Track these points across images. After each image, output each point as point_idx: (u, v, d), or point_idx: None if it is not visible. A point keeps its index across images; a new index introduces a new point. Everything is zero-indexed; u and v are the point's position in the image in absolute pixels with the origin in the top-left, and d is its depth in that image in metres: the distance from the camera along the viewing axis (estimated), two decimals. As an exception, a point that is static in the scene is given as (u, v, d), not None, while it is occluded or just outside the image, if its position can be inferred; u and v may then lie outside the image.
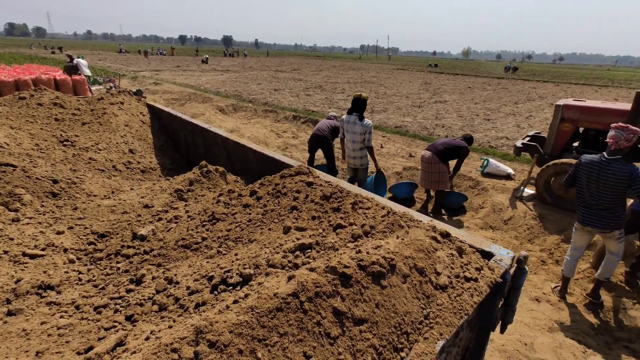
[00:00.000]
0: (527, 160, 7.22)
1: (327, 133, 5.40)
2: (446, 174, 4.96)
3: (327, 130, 5.42)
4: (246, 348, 0.82)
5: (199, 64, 32.73)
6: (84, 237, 1.92)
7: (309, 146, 5.68)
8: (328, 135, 5.40)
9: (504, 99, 17.46)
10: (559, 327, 3.14)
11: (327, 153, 5.53)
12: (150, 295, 1.22)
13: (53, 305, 1.25)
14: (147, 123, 4.54)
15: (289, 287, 0.96)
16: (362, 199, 1.47)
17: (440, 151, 4.88)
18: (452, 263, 1.20)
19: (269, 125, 10.27)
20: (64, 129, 3.82)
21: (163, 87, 16.28)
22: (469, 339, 1.33)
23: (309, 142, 5.64)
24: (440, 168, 4.88)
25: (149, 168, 3.79)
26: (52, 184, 2.71)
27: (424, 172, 5.03)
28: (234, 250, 1.38)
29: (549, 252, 4.33)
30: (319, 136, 5.40)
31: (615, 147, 3.02)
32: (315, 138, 5.42)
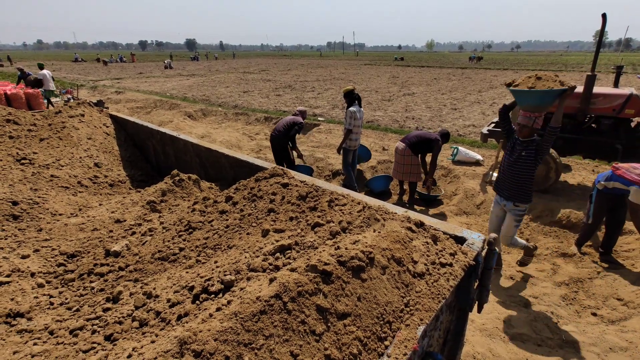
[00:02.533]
0: (494, 145, 7.54)
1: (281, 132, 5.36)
2: (419, 166, 5.09)
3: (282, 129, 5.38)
4: (232, 354, 0.82)
5: (162, 69, 31.70)
6: (52, 259, 1.83)
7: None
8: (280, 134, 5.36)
9: (469, 88, 18.10)
10: (532, 302, 3.32)
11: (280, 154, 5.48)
12: (129, 312, 1.19)
13: (25, 333, 1.19)
14: (112, 134, 4.37)
15: (271, 289, 0.96)
16: (337, 196, 1.49)
17: (413, 143, 5.00)
18: (428, 251, 1.24)
19: (241, 129, 10.13)
20: (20, 146, 3.60)
21: (126, 96, 15.65)
22: (449, 322, 1.39)
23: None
24: (412, 160, 5.00)
25: (117, 181, 3.65)
26: (11, 206, 2.56)
27: (397, 163, 5.14)
28: (213, 258, 1.37)
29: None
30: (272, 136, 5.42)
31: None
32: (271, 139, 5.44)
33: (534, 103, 2.94)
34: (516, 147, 3.16)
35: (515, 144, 3.20)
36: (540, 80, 2.90)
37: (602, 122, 5.31)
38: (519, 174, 3.14)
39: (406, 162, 5.02)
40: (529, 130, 3.06)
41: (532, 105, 2.97)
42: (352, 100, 5.11)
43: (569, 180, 5.89)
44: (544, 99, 2.86)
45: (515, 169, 3.14)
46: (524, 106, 3.04)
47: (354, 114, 5.07)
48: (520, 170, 3.12)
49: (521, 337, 2.88)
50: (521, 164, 3.10)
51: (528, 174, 3.11)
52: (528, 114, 3.00)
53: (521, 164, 3.10)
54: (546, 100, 2.87)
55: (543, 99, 2.87)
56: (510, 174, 3.19)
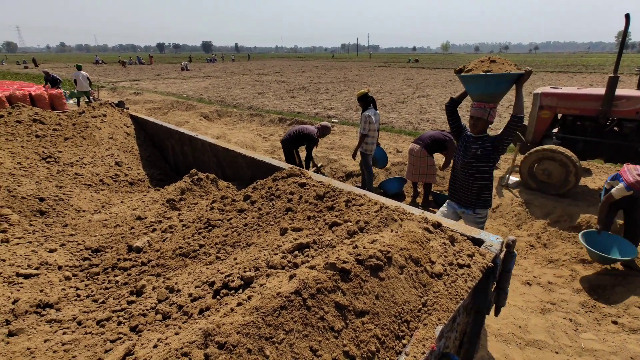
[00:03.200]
0: (510, 148, 7.41)
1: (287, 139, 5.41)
2: (434, 167, 5.06)
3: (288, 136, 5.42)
4: (254, 347, 0.85)
5: (179, 71, 32.33)
6: (77, 253, 1.90)
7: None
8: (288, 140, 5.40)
9: (484, 90, 17.79)
10: (550, 308, 3.25)
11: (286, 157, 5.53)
12: (153, 305, 1.23)
13: (54, 323, 1.25)
14: (132, 134, 4.49)
15: (291, 285, 0.98)
16: (354, 196, 1.51)
17: (428, 144, 4.98)
18: (445, 252, 1.24)
19: (255, 130, 10.25)
20: (46, 145, 3.75)
21: (144, 97, 16.03)
22: (466, 324, 1.39)
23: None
24: (428, 161, 4.97)
25: (137, 180, 3.75)
26: (38, 202, 2.66)
27: (412, 165, 5.11)
28: (232, 255, 1.40)
29: (537, 237, 4.46)
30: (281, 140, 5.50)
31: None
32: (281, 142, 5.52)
33: (488, 91, 2.56)
34: (470, 146, 2.77)
35: (468, 142, 2.81)
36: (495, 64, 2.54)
37: (625, 125, 5.16)
38: (476, 176, 2.76)
39: (422, 163, 4.99)
40: (483, 124, 2.69)
41: (485, 93, 2.59)
42: (367, 103, 5.10)
43: (589, 184, 5.74)
44: (499, 85, 2.50)
45: (472, 171, 2.76)
46: (476, 95, 2.67)
47: (369, 118, 5.06)
48: (476, 171, 2.74)
49: (538, 344, 2.82)
50: (478, 164, 2.73)
51: (486, 175, 2.75)
52: (482, 104, 2.63)
53: (478, 165, 2.73)
54: (501, 86, 2.51)
55: (498, 86, 2.51)
56: (465, 177, 2.81)
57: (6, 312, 1.29)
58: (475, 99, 2.67)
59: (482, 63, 2.59)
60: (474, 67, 2.59)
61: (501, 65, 2.52)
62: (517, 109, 2.57)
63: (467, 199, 2.84)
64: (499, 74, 2.43)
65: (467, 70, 2.61)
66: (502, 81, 2.48)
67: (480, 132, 2.74)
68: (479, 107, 2.64)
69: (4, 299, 1.39)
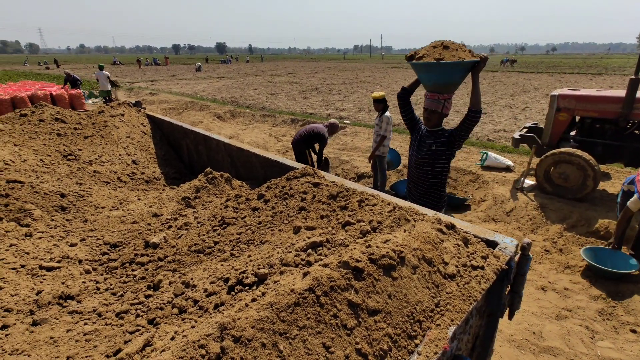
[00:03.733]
0: (526, 151, 7.27)
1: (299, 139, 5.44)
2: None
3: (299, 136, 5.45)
4: (268, 342, 0.87)
5: (194, 72, 32.83)
6: (96, 248, 1.96)
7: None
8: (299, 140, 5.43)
9: (500, 91, 17.54)
10: (566, 315, 3.18)
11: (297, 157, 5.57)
12: (169, 299, 1.26)
13: (75, 314, 1.29)
14: (149, 134, 4.59)
15: (305, 282, 1.00)
16: (368, 196, 1.52)
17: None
18: (459, 253, 1.24)
19: (268, 130, 10.33)
20: (66, 143, 3.86)
21: (159, 97, 16.34)
22: (479, 327, 1.38)
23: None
24: None
25: (153, 178, 3.83)
26: (60, 198, 2.75)
27: None
28: (246, 252, 1.43)
29: (552, 241, 4.38)
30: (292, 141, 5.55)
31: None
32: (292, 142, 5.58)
33: (441, 80, 2.32)
34: (424, 141, 2.57)
35: (422, 136, 2.60)
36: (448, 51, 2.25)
37: (647, 129, 5.02)
38: (430, 173, 2.57)
39: None
40: (438, 117, 2.49)
41: (438, 83, 2.35)
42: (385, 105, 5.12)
43: (608, 189, 5.59)
44: (452, 74, 2.25)
45: (426, 168, 2.56)
46: (430, 85, 2.43)
47: (391, 119, 5.09)
48: (431, 167, 2.55)
49: (552, 351, 2.77)
50: (431, 161, 2.53)
51: (440, 172, 2.56)
52: (435, 95, 2.41)
53: (432, 162, 2.53)
54: (455, 76, 2.27)
55: (452, 75, 2.26)
56: (419, 174, 2.61)
57: (30, 303, 1.34)
58: (429, 89, 2.45)
59: (434, 49, 2.29)
60: (425, 54, 2.29)
61: (454, 52, 2.23)
62: (474, 102, 2.34)
63: (422, 198, 2.63)
64: (451, 62, 2.17)
65: (418, 57, 2.31)
66: (456, 70, 2.22)
67: (435, 126, 2.54)
68: (432, 99, 2.42)
69: (28, 290, 1.44)
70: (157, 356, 0.84)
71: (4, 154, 3.12)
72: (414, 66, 2.37)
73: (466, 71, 2.27)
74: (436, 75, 2.30)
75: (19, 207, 2.40)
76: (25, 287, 1.45)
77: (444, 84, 2.33)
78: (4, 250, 1.76)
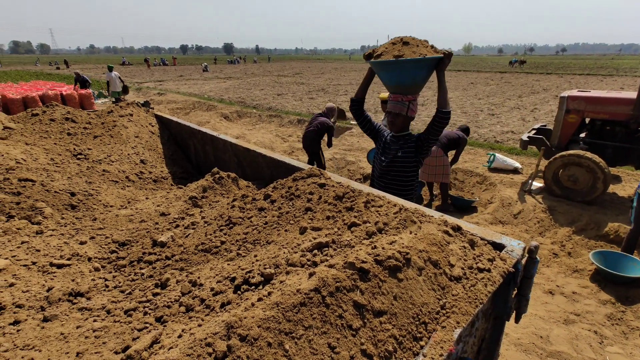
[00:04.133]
0: (534, 153, 7.20)
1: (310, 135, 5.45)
2: (449, 166, 5.08)
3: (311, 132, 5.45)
4: (274, 341, 0.88)
5: (201, 72, 33.07)
6: (105, 246, 1.99)
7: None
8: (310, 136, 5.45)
9: (508, 93, 17.38)
10: (574, 319, 3.14)
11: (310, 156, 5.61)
12: (177, 297, 1.28)
13: (85, 311, 1.32)
14: (157, 133, 4.64)
15: (311, 283, 1.01)
16: (374, 197, 1.52)
17: (445, 144, 4.99)
18: (465, 255, 1.24)
19: (274, 130, 10.36)
20: (76, 142, 3.92)
21: (167, 97, 16.50)
22: (485, 330, 1.37)
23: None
24: (444, 161, 4.98)
25: (160, 177, 3.87)
26: (70, 197, 2.80)
27: (427, 165, 5.09)
28: (253, 252, 1.44)
29: (561, 245, 4.32)
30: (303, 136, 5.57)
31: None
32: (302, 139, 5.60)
33: (403, 80, 2.12)
34: (389, 147, 2.37)
35: (386, 143, 2.41)
36: (408, 47, 2.04)
37: (658, 131, 4.94)
38: (397, 181, 2.36)
39: (438, 163, 4.97)
40: (403, 121, 2.30)
41: (401, 83, 2.15)
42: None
43: (619, 192, 5.51)
44: (415, 72, 2.06)
45: (391, 177, 2.37)
46: (392, 86, 2.22)
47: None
48: (397, 176, 2.35)
49: (560, 356, 2.74)
50: (397, 169, 2.34)
51: (408, 179, 2.36)
52: (399, 97, 2.22)
53: (397, 170, 2.34)
54: (418, 74, 2.08)
55: (414, 73, 2.07)
56: (385, 183, 2.40)
57: (41, 299, 1.37)
58: (391, 90, 2.26)
59: (394, 46, 2.09)
60: (384, 52, 2.10)
61: (415, 48, 2.03)
62: (441, 102, 2.17)
63: None
64: (411, 60, 1.97)
65: (377, 55, 2.11)
66: (418, 68, 2.03)
67: (400, 130, 2.35)
68: (396, 101, 2.23)
69: (39, 286, 1.47)
70: (165, 353, 0.85)
71: (16, 153, 3.18)
72: (372, 65, 2.19)
73: (429, 69, 2.10)
74: (397, 75, 2.11)
75: (30, 205, 2.45)
76: (37, 284, 1.48)
77: (407, 84, 2.14)
78: (15, 248, 1.79)
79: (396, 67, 2.03)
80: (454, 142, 5.06)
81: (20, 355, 1.05)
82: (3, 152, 3.04)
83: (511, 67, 38.91)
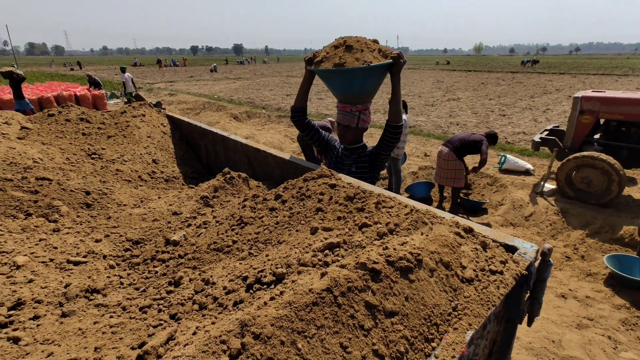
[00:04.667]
0: (547, 154, 7.09)
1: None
2: (462, 171, 4.97)
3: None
4: (287, 339, 0.89)
5: (211, 73, 33.37)
6: (120, 244, 2.03)
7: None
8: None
9: (520, 93, 17.15)
10: (587, 324, 3.09)
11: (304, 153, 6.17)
12: (190, 295, 1.30)
13: (101, 307, 1.35)
14: (168, 134, 4.71)
15: (323, 283, 1.02)
16: (385, 198, 1.52)
17: (457, 147, 4.90)
18: (477, 257, 1.23)
19: (283, 131, 10.41)
20: (91, 142, 4.00)
21: (178, 98, 16.70)
22: (497, 333, 1.36)
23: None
24: (457, 165, 4.89)
25: (172, 177, 3.93)
26: (85, 196, 2.86)
27: (440, 168, 5.05)
28: (264, 252, 1.45)
29: (574, 248, 4.25)
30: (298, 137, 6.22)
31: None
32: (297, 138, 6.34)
33: (350, 90, 1.88)
34: (342, 161, 2.19)
35: (338, 157, 2.21)
36: (351, 53, 1.76)
37: (676, 132, 4.83)
38: None
39: (450, 167, 4.91)
40: (353, 133, 2.10)
41: (348, 93, 1.91)
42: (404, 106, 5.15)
43: (634, 194, 5.40)
44: (364, 80, 1.81)
45: None
46: (338, 95, 2.01)
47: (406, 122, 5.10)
48: None
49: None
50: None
51: None
52: (347, 107, 1.99)
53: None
54: (366, 82, 1.83)
55: (363, 82, 1.82)
56: None
57: (59, 295, 1.41)
58: (339, 99, 2.04)
59: (336, 50, 1.83)
60: (324, 57, 1.85)
61: (359, 54, 1.75)
62: (392, 115, 1.93)
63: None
64: (354, 69, 1.72)
65: (318, 61, 1.88)
66: (366, 76, 1.78)
67: (351, 143, 2.16)
68: (344, 112, 2.01)
69: (57, 283, 1.51)
70: (181, 350, 0.87)
71: (33, 152, 3.26)
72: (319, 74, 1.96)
73: (379, 75, 1.85)
74: (342, 85, 1.86)
75: (48, 204, 2.51)
76: (54, 280, 1.52)
77: (355, 92, 1.88)
78: (34, 245, 1.84)
79: (338, 76, 1.80)
80: (469, 146, 4.89)
81: (40, 349, 1.08)
82: (21, 152, 3.12)
83: (523, 67, 38.31)
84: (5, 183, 2.54)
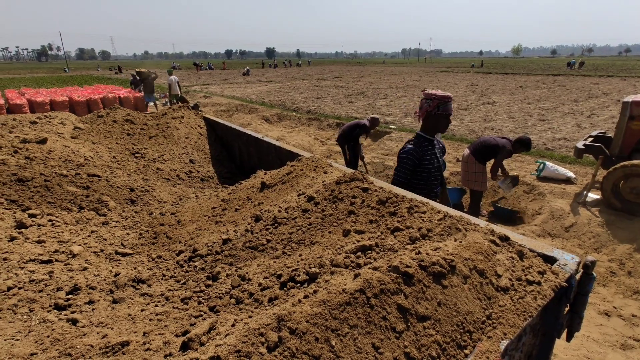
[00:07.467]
0: (590, 162, 6.68)
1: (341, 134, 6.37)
2: (482, 174, 4.74)
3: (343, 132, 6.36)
4: (321, 336, 0.92)
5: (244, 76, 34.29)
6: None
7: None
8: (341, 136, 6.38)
9: (561, 97, 16.25)
10: (633, 344, 2.89)
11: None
12: (227, 290, 1.37)
13: (147, 296, 1.45)
14: (204, 135, 4.92)
15: (356, 284, 1.04)
16: (417, 203, 1.52)
17: (477, 149, 4.71)
18: (513, 266, 1.21)
19: (313, 133, 10.51)
20: (134, 142, 4.26)
21: (212, 100, 17.31)
22: (532, 346, 1.32)
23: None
24: (476, 167, 4.71)
25: (207, 177, 4.10)
26: (129, 192, 3.06)
27: (462, 170, 4.93)
28: (297, 252, 1.50)
29: (620, 263, 3.99)
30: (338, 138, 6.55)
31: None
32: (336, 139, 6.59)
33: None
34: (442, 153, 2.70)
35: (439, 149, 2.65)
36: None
37: None
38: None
39: (469, 169, 4.76)
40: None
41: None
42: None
43: (691, 208, 4.95)
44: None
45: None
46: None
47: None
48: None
49: (616, 382, 2.53)
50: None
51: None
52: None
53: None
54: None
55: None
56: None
57: (110, 283, 1.53)
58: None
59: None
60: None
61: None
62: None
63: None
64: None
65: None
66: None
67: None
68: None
69: (107, 272, 1.64)
70: (222, 339, 0.93)
71: (85, 151, 3.53)
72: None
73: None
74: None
75: (97, 199, 2.72)
76: (105, 269, 1.65)
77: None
78: (86, 236, 2.01)
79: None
80: (491, 150, 4.64)
81: (95, 331, 1.19)
82: (74, 150, 3.39)
83: (569, 70, 36.20)
84: (61, 179, 2.77)
